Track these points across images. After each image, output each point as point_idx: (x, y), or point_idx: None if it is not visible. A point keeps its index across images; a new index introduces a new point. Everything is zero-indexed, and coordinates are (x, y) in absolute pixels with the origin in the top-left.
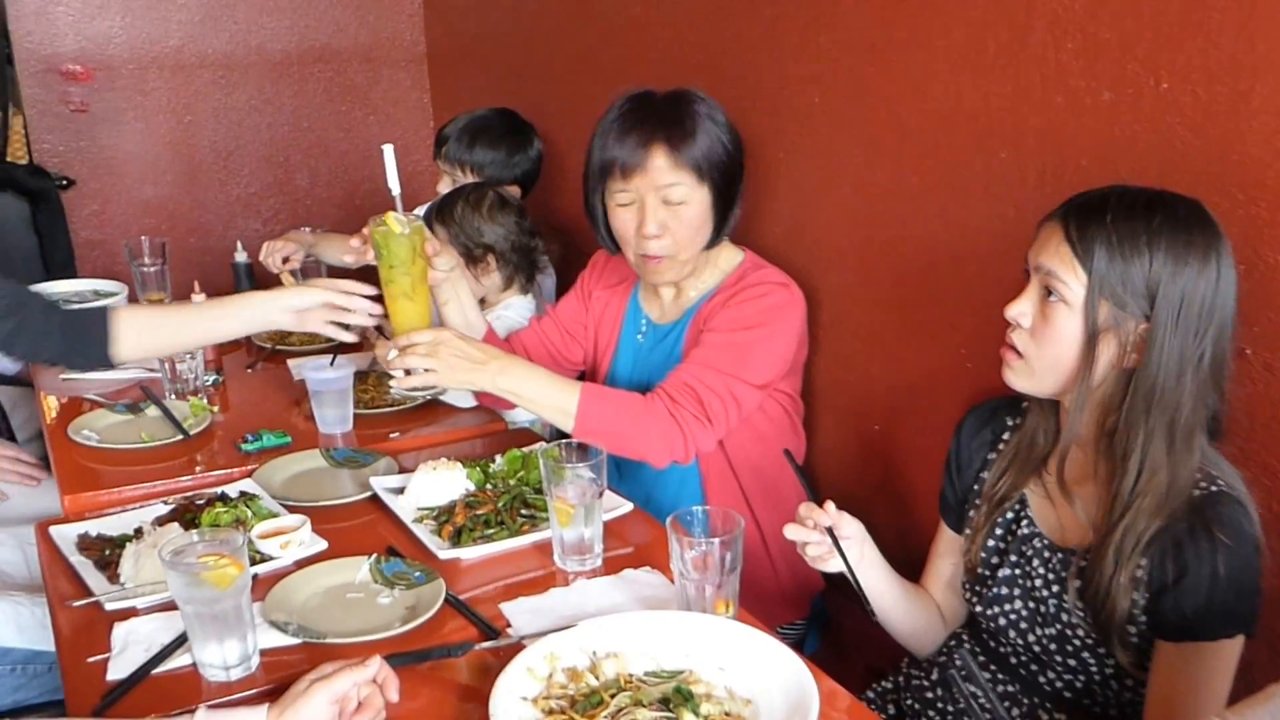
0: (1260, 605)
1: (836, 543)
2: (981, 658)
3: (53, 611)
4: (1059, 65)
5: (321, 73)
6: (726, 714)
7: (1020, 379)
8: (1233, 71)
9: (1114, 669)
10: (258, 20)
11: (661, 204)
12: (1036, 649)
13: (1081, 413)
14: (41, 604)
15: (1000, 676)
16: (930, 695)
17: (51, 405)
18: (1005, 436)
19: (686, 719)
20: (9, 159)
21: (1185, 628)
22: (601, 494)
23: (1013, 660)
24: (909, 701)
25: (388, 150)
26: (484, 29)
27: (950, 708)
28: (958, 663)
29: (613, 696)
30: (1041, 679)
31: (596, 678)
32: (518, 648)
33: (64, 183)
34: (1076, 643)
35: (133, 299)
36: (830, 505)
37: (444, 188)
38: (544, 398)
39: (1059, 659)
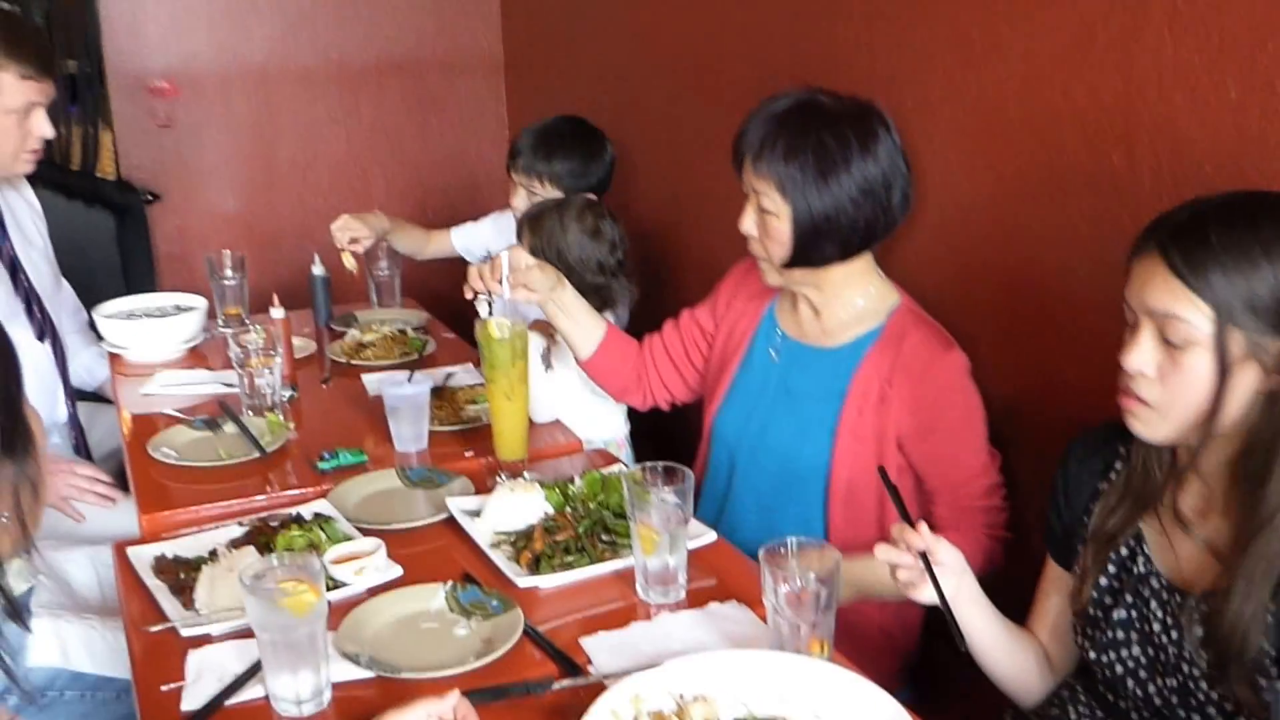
0: None
1: (930, 569)
2: (1099, 713)
3: (128, 637)
4: (1178, 60)
5: (399, 82)
6: None
7: (1152, 429)
8: None
9: None
10: (338, 32)
11: (757, 207)
12: (1157, 701)
13: (1207, 443)
14: (114, 627)
15: None
16: None
17: (129, 421)
18: (1117, 465)
19: None
20: (98, 174)
21: None
22: (687, 521)
23: (1132, 715)
24: None
25: (504, 255)
26: (561, 36)
27: None
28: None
29: None
30: None
31: None
32: (599, 687)
33: (149, 198)
34: (1200, 696)
35: (211, 313)
36: (924, 527)
37: (519, 201)
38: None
39: (1182, 713)
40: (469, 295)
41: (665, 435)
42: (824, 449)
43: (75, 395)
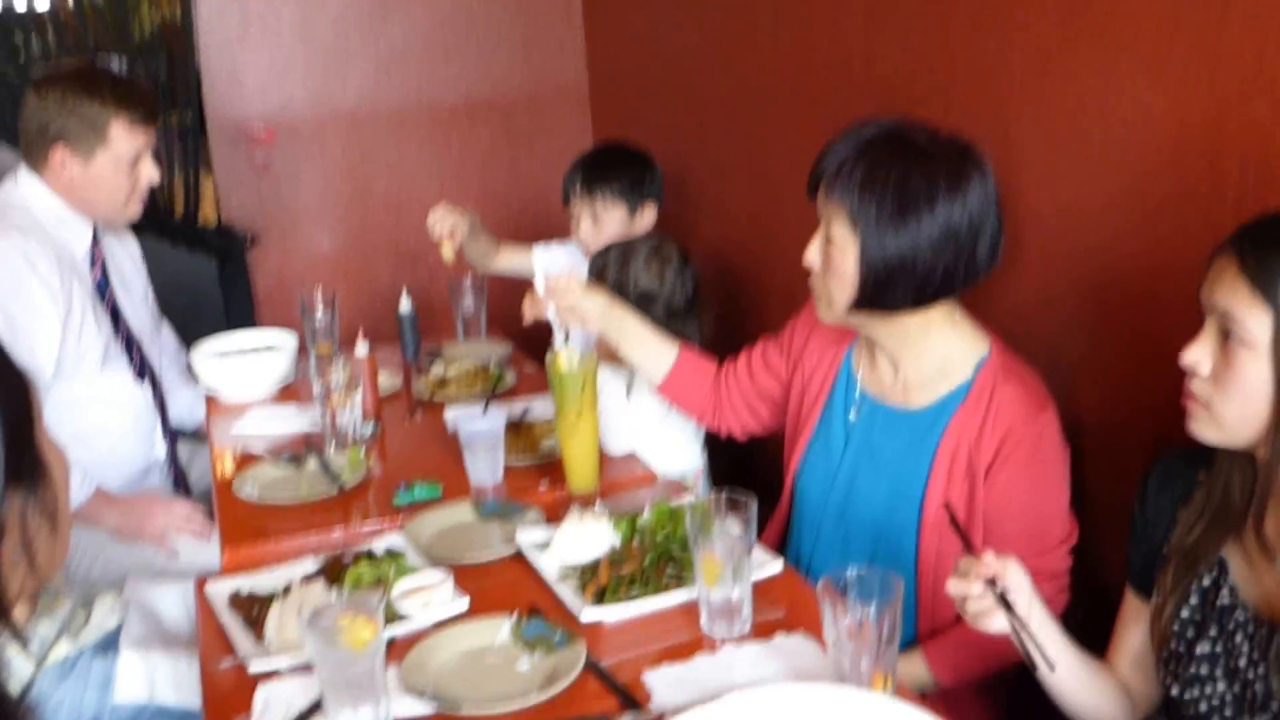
0: None
1: (1001, 597)
2: None
3: (201, 670)
4: (1260, 68)
5: (488, 119)
6: None
7: (1206, 430)
8: None
9: None
10: (429, 73)
11: (825, 237)
12: None
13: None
14: None
15: None
16: None
17: (221, 457)
18: (1196, 491)
19: None
20: (200, 221)
21: None
22: (750, 550)
23: None
24: None
25: (540, 280)
26: (643, 67)
27: None
28: None
29: None
30: None
31: None
32: None
33: (249, 240)
34: None
35: (302, 349)
36: (989, 554)
37: (585, 231)
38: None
39: None
40: (526, 322)
41: (745, 469)
42: (912, 520)
43: (175, 434)
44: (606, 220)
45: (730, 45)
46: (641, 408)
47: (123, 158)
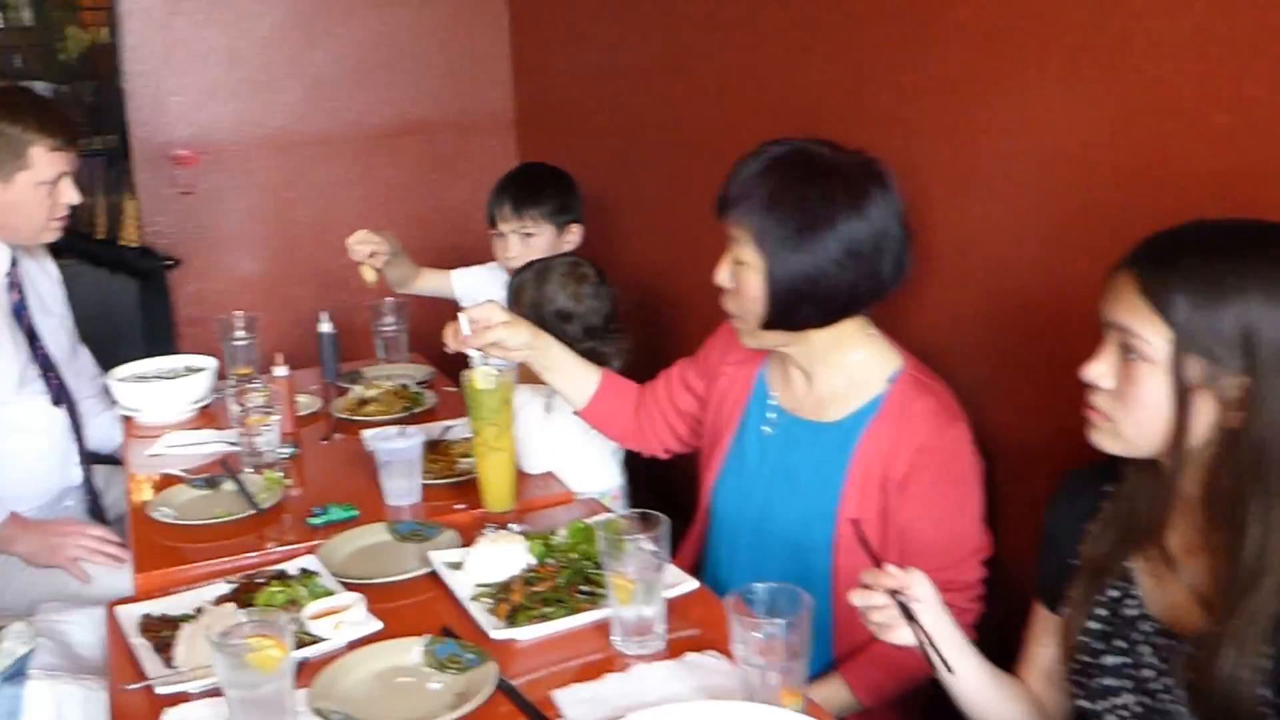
0: None
1: (905, 609)
2: None
3: (110, 695)
4: (1164, 89)
5: (414, 143)
6: None
7: (1107, 440)
8: None
9: None
10: (355, 96)
11: (734, 258)
12: None
13: (1182, 476)
14: None
15: None
16: None
17: (137, 480)
18: (1104, 504)
19: None
20: (121, 242)
21: None
22: (663, 569)
23: None
24: None
25: (463, 315)
26: (568, 94)
27: None
28: None
29: None
30: None
31: None
32: None
33: (170, 263)
34: None
35: (224, 374)
36: (892, 566)
37: (513, 249)
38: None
39: None
40: (448, 350)
41: (666, 487)
42: (826, 536)
43: (91, 459)
44: (535, 241)
45: (653, 72)
46: (560, 427)
47: (42, 181)
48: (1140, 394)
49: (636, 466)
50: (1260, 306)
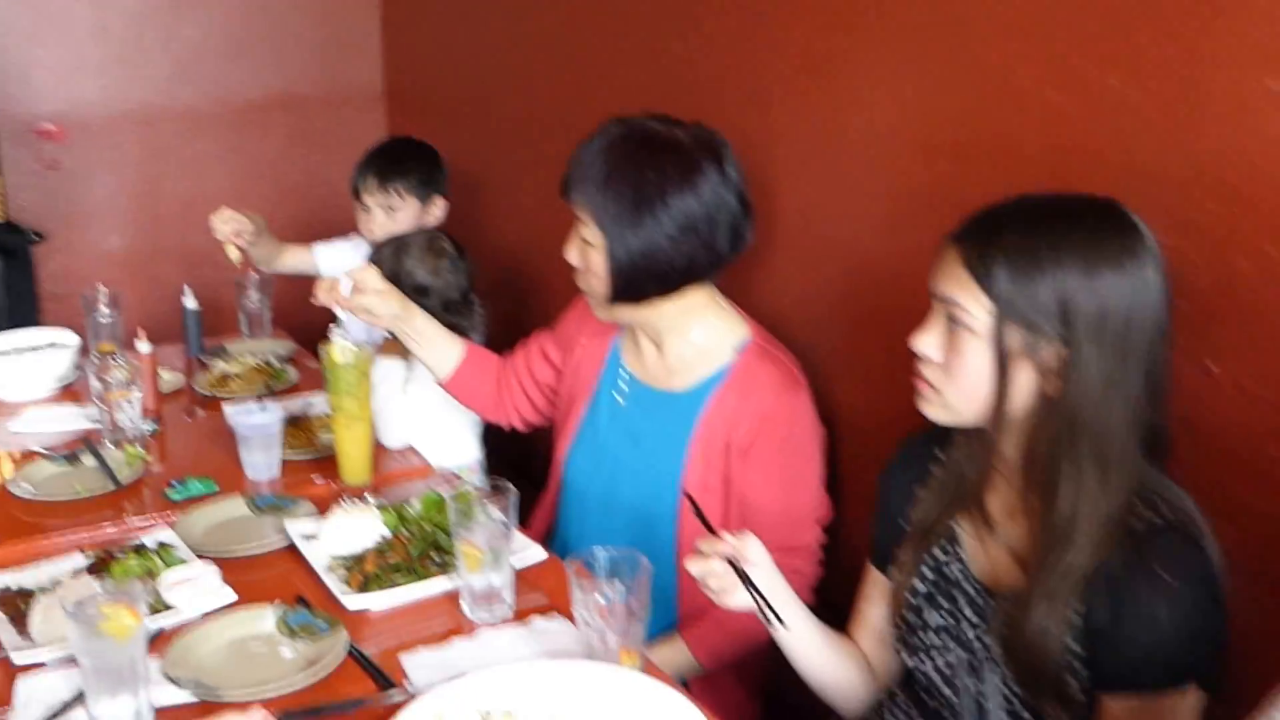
0: (1222, 655)
1: (740, 572)
2: (916, 717)
3: None
4: (1006, 75)
5: (283, 118)
6: None
7: (935, 410)
8: (1188, 62)
9: None
10: (223, 70)
11: (580, 237)
12: (970, 705)
13: (1004, 442)
14: None
15: None
16: None
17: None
18: (934, 468)
19: None
20: None
21: (1125, 679)
22: (510, 538)
23: (947, 718)
24: None
25: (344, 276)
26: (441, 69)
27: None
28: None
29: None
30: None
31: None
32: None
33: (35, 237)
34: (1015, 699)
35: (86, 349)
36: (726, 533)
37: (377, 222)
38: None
39: (995, 717)
40: (317, 302)
41: (523, 463)
42: (671, 504)
43: None
44: (399, 214)
45: (517, 50)
46: (419, 400)
47: None
48: (964, 364)
49: (501, 440)
50: (1076, 278)
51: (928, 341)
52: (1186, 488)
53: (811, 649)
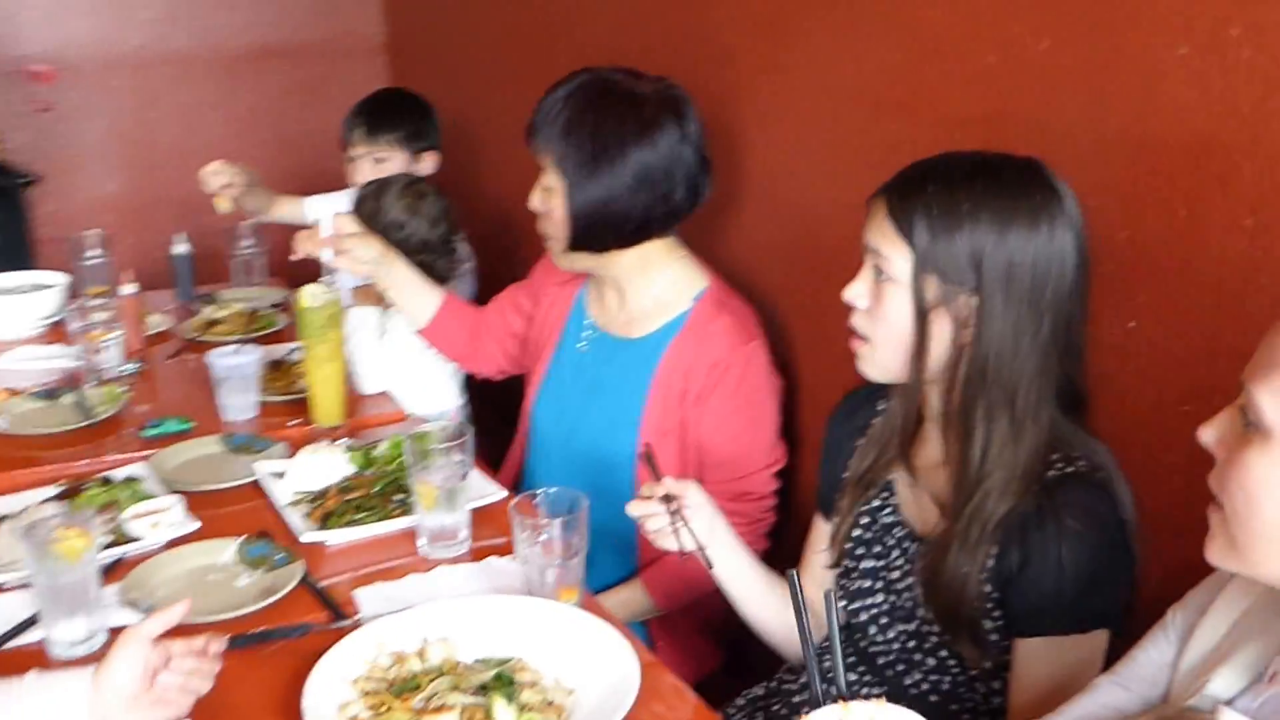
0: (1127, 599)
1: (678, 514)
2: (852, 658)
3: None
4: (944, 29)
5: (279, 66)
6: (549, 703)
7: (869, 366)
8: (1110, 27)
9: (980, 670)
10: (217, 17)
11: (543, 183)
12: (896, 647)
13: (928, 392)
14: None
15: (867, 679)
16: (798, 700)
17: None
18: (875, 421)
19: (498, 705)
20: None
21: (1034, 622)
22: (465, 477)
23: (880, 660)
24: (776, 707)
25: (323, 221)
26: (441, 19)
27: None
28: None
29: (432, 681)
30: (907, 680)
31: (423, 662)
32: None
33: (27, 180)
34: (934, 640)
35: (77, 292)
36: (667, 479)
37: (364, 173)
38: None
39: (918, 657)
40: (295, 257)
41: (507, 412)
42: (629, 446)
43: None
44: (387, 166)
45: (521, 3)
46: (397, 347)
47: None
48: (887, 312)
49: (487, 390)
50: (989, 232)
51: (856, 290)
52: (1107, 441)
53: (754, 592)
